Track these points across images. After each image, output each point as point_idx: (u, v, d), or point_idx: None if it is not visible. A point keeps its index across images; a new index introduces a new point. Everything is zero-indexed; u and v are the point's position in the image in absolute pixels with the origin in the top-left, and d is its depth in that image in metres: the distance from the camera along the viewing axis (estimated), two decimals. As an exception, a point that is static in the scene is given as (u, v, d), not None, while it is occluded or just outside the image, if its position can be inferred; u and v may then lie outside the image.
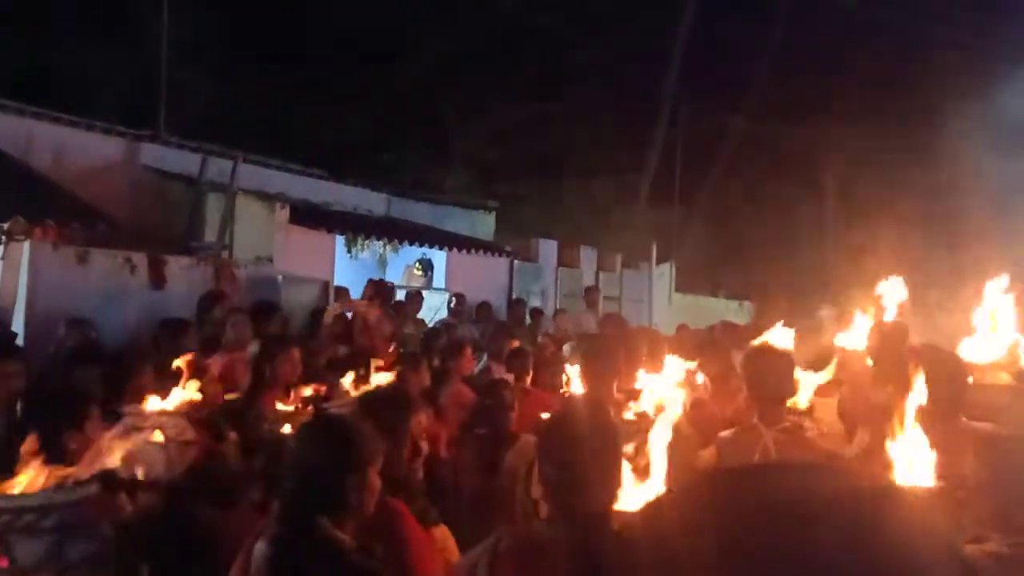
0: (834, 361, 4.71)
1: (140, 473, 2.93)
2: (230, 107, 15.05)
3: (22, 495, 1.86)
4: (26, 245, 7.28)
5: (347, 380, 4.88)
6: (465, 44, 17.98)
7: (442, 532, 2.91)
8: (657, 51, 21.35)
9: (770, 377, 3.62)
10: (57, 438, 3.27)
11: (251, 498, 3.22)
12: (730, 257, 21.83)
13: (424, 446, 3.06)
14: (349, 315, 7.52)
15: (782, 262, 20.17)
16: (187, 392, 3.94)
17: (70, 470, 2.61)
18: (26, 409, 3.91)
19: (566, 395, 4.75)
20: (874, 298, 5.23)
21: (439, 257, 12.38)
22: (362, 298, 8.98)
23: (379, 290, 9.57)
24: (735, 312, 17.47)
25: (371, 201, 12.87)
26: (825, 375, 4.61)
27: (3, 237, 6.95)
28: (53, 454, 3.08)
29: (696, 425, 3.84)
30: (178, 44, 12.03)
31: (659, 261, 17.43)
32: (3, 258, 7.03)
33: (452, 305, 10.42)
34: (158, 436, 3.42)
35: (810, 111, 20.00)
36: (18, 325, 7.03)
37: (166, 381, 4.11)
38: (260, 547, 2.35)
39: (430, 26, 17.67)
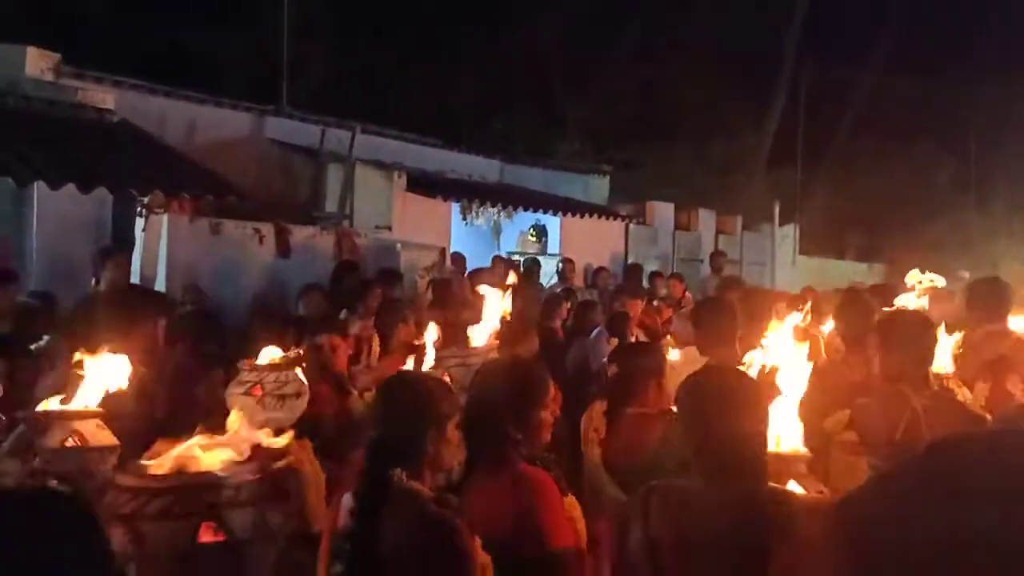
0: None
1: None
2: (348, 79, 15.39)
3: (220, 472, 1.97)
4: (164, 218, 7.69)
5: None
6: (576, 6, 17.72)
7: (571, 501, 2.91)
8: (776, 4, 20.46)
9: (916, 340, 3.46)
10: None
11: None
12: (859, 218, 20.91)
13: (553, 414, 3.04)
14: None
15: (915, 223, 19.20)
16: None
17: (222, 439, 2.73)
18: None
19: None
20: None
21: (553, 223, 12.34)
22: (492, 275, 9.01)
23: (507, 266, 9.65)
24: (863, 275, 16.73)
25: (484, 168, 12.93)
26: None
27: (143, 210, 7.35)
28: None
29: (825, 389, 3.68)
30: (297, 20, 12.35)
31: (782, 223, 16.87)
32: (144, 230, 7.45)
33: (561, 269, 10.39)
34: (258, 391, 3.60)
35: (946, 63, 18.81)
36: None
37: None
38: (346, 498, 2.42)
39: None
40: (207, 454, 2.41)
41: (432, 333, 4.08)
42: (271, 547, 2.41)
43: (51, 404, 2.77)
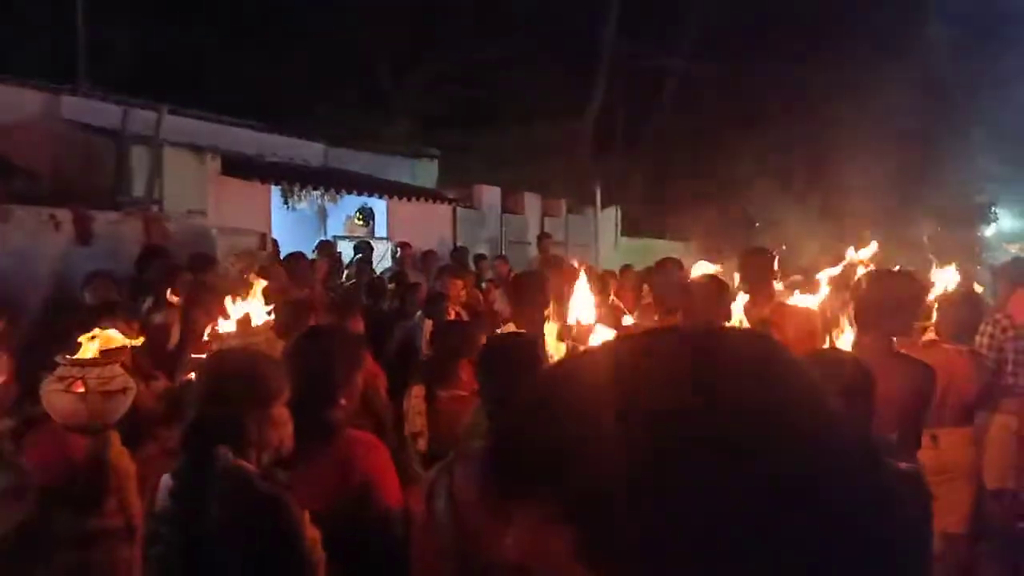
0: None
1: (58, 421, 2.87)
2: (156, 59, 14.53)
3: None
4: (-59, 203, 7.00)
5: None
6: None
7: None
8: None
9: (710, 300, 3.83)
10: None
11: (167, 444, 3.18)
12: (676, 200, 21.96)
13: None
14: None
15: (725, 202, 20.36)
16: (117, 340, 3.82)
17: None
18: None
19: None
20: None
21: (380, 206, 12.21)
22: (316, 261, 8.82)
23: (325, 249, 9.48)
24: (680, 252, 17.60)
25: (308, 152, 12.60)
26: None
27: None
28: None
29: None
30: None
31: (604, 206, 17.46)
32: (-84, 217, 6.74)
33: (398, 254, 10.31)
34: (79, 388, 3.34)
35: (750, 49, 20.03)
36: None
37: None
38: (165, 479, 2.34)
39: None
40: None
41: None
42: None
43: None
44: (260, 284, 3.99)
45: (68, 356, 3.47)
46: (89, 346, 3.58)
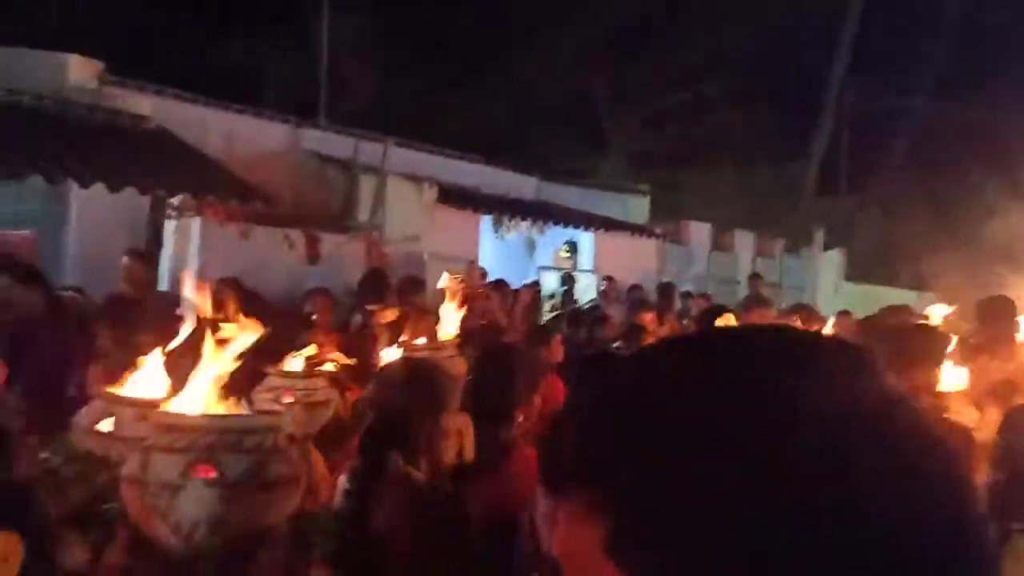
0: None
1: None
2: (389, 95, 15.65)
3: (228, 416, 2.03)
4: (196, 221, 7.90)
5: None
6: (619, 27, 17.80)
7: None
8: (824, 25, 20.23)
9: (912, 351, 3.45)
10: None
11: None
12: (910, 245, 20.44)
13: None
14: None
15: (969, 252, 18.69)
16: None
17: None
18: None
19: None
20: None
21: (586, 239, 12.33)
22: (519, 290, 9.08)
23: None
24: (913, 301, 16.31)
25: (521, 185, 12.99)
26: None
27: (174, 213, 7.55)
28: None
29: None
30: (339, 37, 12.63)
31: (826, 248, 16.59)
32: (175, 232, 7.65)
33: (602, 286, 10.40)
34: (288, 398, 3.62)
35: (1000, 89, 18.39)
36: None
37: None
38: (342, 479, 2.45)
39: (583, 10, 17.61)
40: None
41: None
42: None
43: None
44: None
45: (278, 368, 3.77)
46: (296, 359, 3.87)
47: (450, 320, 4.16)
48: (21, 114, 7.20)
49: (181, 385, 2.00)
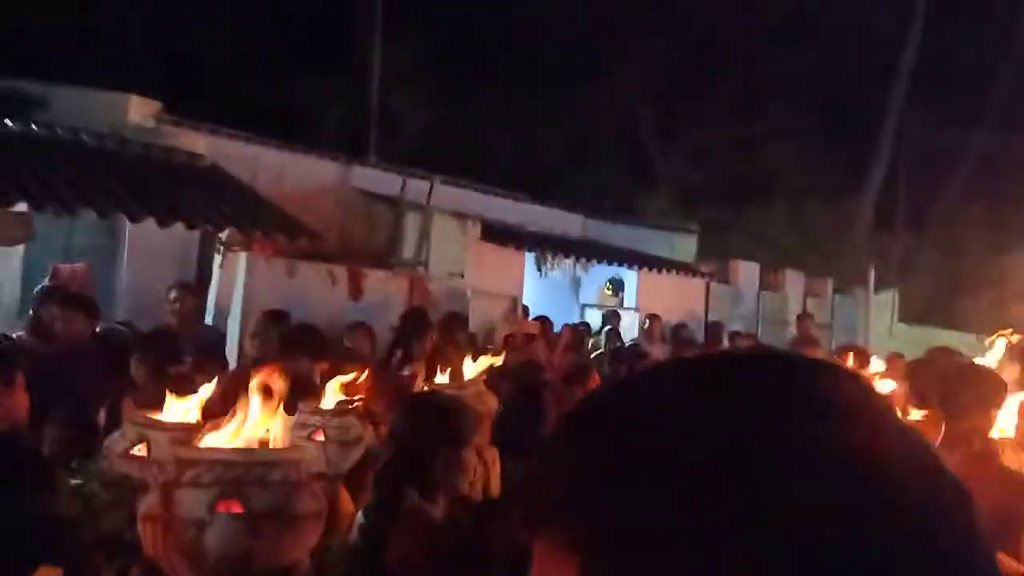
0: None
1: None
2: (437, 132, 15.86)
3: (253, 450, 2.05)
4: (242, 256, 8.06)
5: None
6: (668, 63, 17.82)
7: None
8: (880, 60, 19.98)
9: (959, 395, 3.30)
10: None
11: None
12: (970, 286, 19.87)
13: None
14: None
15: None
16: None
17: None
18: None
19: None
20: None
21: (631, 277, 12.27)
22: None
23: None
24: (971, 346, 15.80)
25: (567, 223, 13.02)
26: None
27: (221, 248, 7.73)
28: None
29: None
30: (389, 75, 12.89)
31: (878, 288, 16.21)
32: (221, 267, 7.82)
33: (646, 325, 10.29)
34: (320, 436, 3.63)
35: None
36: (233, 327, 7.77)
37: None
38: (358, 515, 2.45)
39: (630, 47, 17.69)
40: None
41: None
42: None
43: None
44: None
45: (311, 405, 3.79)
46: (330, 395, 3.89)
47: (481, 358, 4.17)
48: (81, 152, 7.48)
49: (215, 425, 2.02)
